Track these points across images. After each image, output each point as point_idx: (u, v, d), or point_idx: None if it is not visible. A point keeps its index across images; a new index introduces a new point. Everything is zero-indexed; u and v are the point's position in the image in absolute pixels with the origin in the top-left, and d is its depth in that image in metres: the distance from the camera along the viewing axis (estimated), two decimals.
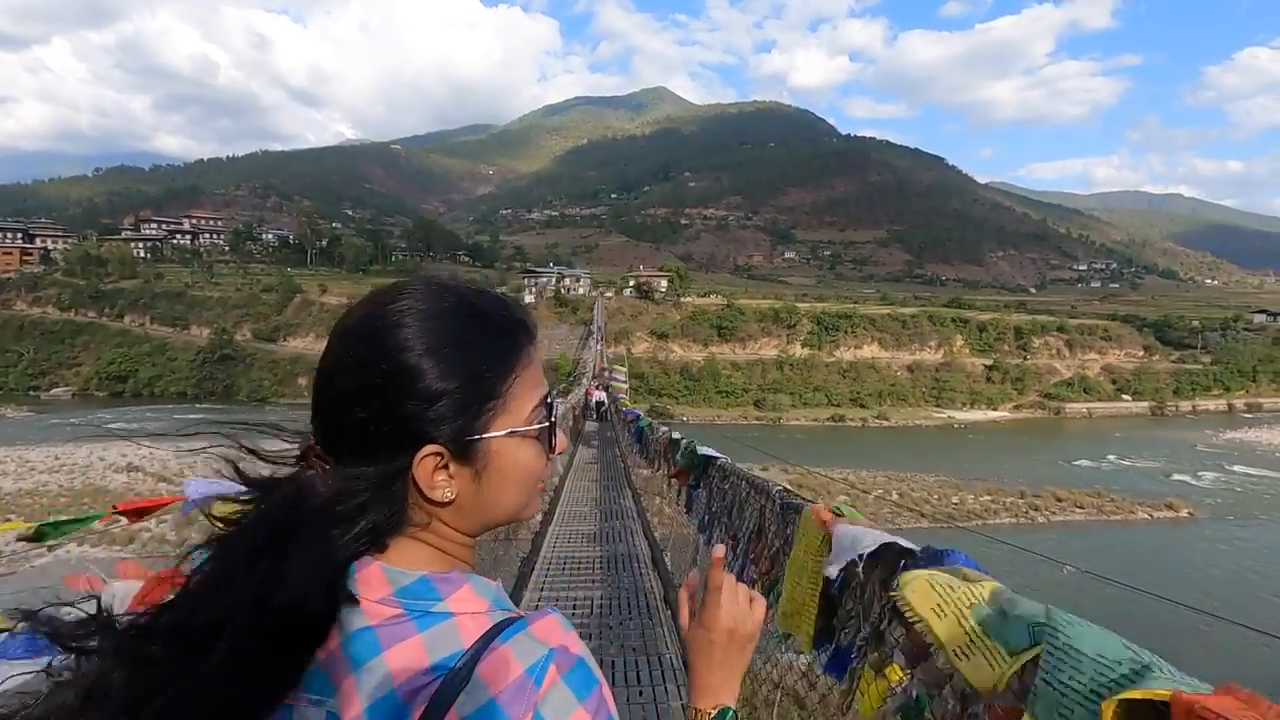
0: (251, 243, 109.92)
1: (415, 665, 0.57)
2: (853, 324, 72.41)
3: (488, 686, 0.54)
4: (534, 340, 0.70)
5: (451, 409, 0.63)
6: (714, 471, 3.61)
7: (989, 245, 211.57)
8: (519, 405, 0.66)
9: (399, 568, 0.62)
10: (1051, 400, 66.10)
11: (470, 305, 0.67)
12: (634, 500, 9.15)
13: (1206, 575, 25.34)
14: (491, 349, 0.66)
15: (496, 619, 0.61)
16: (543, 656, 0.56)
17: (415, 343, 0.62)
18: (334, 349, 0.65)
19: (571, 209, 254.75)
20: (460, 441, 0.63)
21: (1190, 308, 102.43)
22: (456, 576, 0.63)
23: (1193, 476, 40.96)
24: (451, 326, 0.64)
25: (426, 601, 0.61)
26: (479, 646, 0.57)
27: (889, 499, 34.49)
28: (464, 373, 0.63)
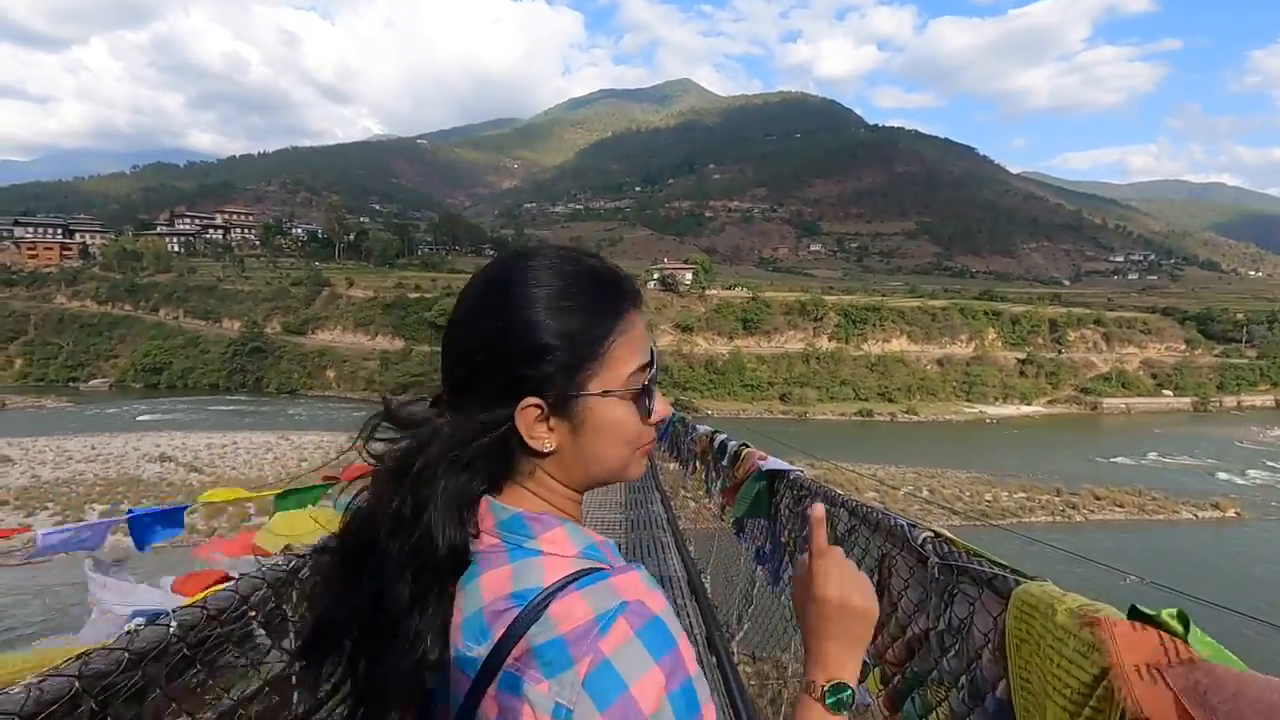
0: (281, 237, 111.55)
1: (500, 591, 0.64)
2: (881, 317, 71.14)
3: (557, 625, 0.59)
4: (639, 308, 0.74)
5: (554, 365, 0.67)
6: (783, 489, 2.85)
7: (1021, 236, 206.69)
8: (617, 367, 0.70)
9: (500, 503, 0.70)
10: (1088, 395, 64.31)
11: (583, 270, 0.72)
12: (664, 505, 8.64)
13: (1263, 579, 24.24)
14: (596, 312, 0.70)
15: (581, 565, 0.65)
16: (614, 607, 0.60)
17: (528, 300, 0.68)
18: (462, 303, 0.73)
19: (595, 202, 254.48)
20: (560, 396, 0.68)
21: (1234, 300, 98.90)
22: (550, 519, 0.69)
23: (1239, 475, 39.47)
24: (562, 288, 0.69)
25: (520, 537, 0.67)
26: (557, 586, 0.62)
27: (919, 496, 33.74)
28: (567, 332, 0.68)
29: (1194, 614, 1.97)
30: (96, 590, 1.73)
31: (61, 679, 0.94)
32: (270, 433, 44.26)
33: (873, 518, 1.82)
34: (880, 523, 1.74)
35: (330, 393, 64.47)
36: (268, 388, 64.97)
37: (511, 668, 0.60)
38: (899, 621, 1.61)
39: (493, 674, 0.61)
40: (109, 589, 1.76)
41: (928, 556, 1.47)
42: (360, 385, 64.77)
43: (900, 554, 1.62)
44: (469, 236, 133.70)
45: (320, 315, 73.14)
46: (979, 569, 1.31)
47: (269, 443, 40.76)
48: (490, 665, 0.61)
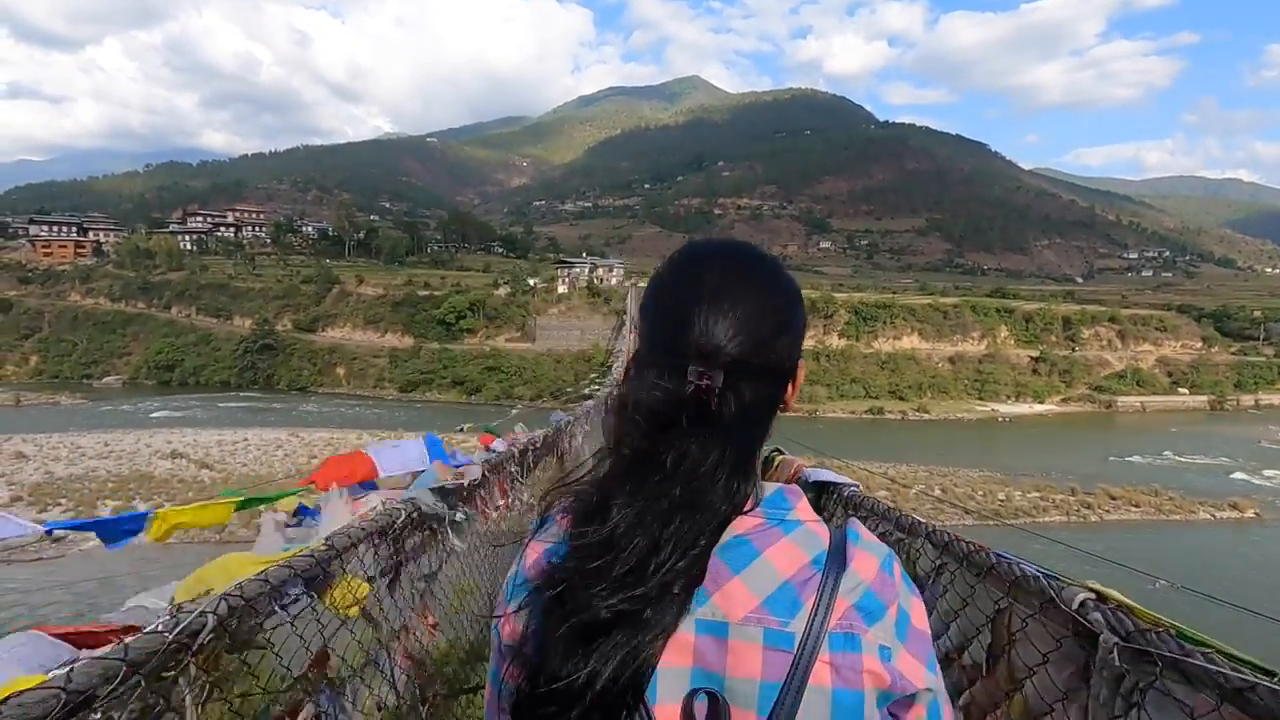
0: (292, 235, 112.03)
1: (797, 561, 0.68)
2: (892, 314, 70.58)
3: (859, 578, 0.67)
4: None
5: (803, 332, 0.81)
6: (834, 508, 2.32)
7: (1033, 234, 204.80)
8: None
9: (764, 481, 0.75)
10: (1102, 393, 63.59)
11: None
12: None
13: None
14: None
15: (828, 527, 0.74)
16: (887, 555, 0.72)
17: (787, 280, 0.82)
18: (740, 285, 0.76)
19: (604, 199, 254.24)
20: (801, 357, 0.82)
21: (1251, 297, 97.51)
22: (797, 489, 0.76)
23: (1257, 475, 38.89)
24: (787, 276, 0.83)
25: (782, 511, 0.72)
26: (837, 545, 0.70)
27: (931, 494, 33.40)
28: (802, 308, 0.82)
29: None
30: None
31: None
32: (281, 429, 44.44)
33: (978, 558, 1.33)
34: (991, 566, 1.28)
35: (340, 390, 64.71)
36: (278, 385, 65.29)
37: (839, 629, 0.64)
38: (1030, 710, 1.10)
39: (818, 639, 0.63)
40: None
41: (1095, 630, 0.98)
42: (370, 382, 64.99)
43: (1035, 616, 1.13)
44: (478, 234, 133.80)
45: (330, 313, 73.42)
46: (1200, 664, 0.82)
47: (279, 440, 40.93)
48: (814, 632, 0.64)
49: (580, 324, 67.86)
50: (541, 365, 62.00)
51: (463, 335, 68.01)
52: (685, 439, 0.69)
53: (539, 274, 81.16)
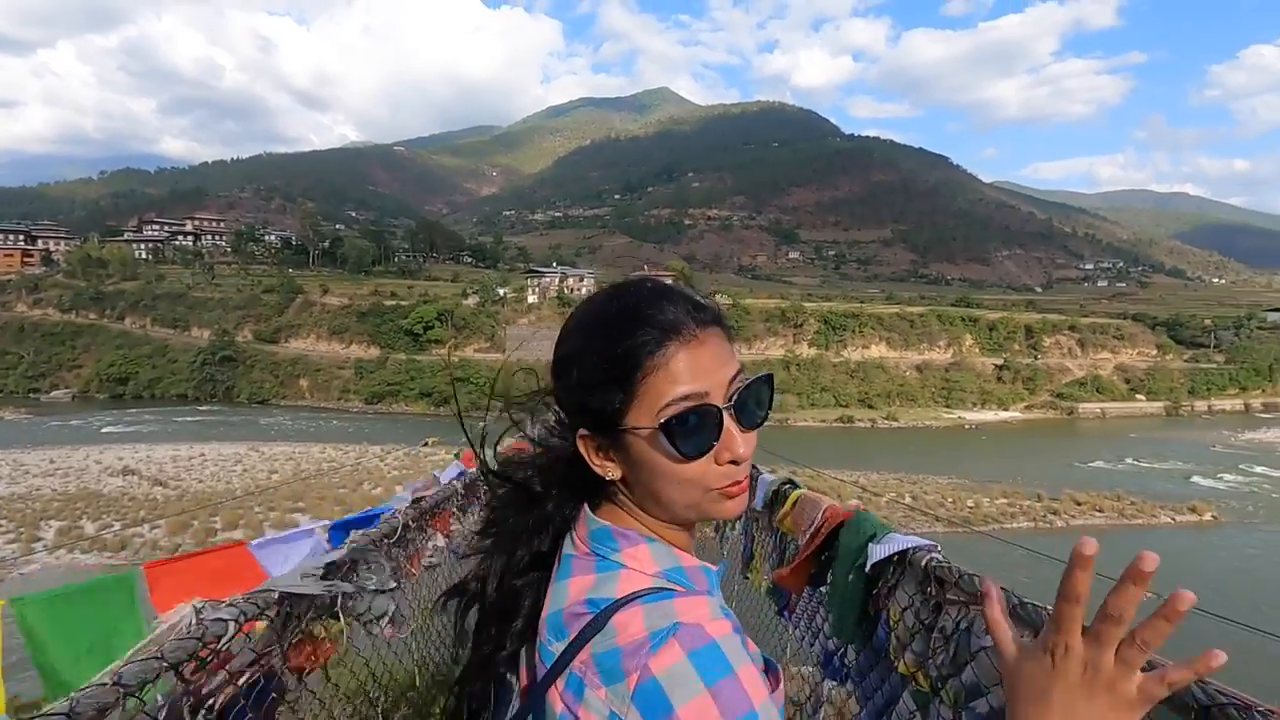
0: (254, 244, 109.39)
1: (580, 596, 0.68)
2: (860, 324, 71.43)
3: (616, 635, 0.62)
4: (682, 337, 0.69)
5: (596, 399, 0.70)
6: (900, 578, 1.67)
7: (994, 245, 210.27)
8: (648, 402, 0.67)
9: (594, 516, 0.75)
10: (1064, 400, 65.08)
11: (627, 303, 0.71)
12: None
13: (1244, 583, 24.33)
14: (630, 345, 0.68)
15: (657, 584, 0.68)
16: (668, 626, 0.60)
17: (575, 337, 0.75)
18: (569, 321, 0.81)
19: (575, 210, 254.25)
20: (603, 429, 0.71)
21: (1201, 306, 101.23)
22: (635, 536, 0.72)
23: (1213, 479, 39.98)
24: (602, 324, 0.72)
25: (606, 549, 0.72)
26: (625, 599, 0.65)
27: (901, 502, 33.57)
28: (604, 367, 0.69)
29: (1199, 627, 1.69)
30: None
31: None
32: (240, 444, 42.97)
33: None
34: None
35: (304, 402, 63.06)
36: (238, 398, 63.35)
37: (577, 670, 0.63)
38: None
39: (561, 671, 0.64)
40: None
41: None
42: (334, 394, 63.47)
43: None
44: (446, 244, 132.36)
45: (294, 323, 71.63)
46: None
47: (239, 454, 39.55)
48: (561, 663, 0.64)
49: (550, 334, 65.50)
50: (511, 375, 61.21)
51: (430, 346, 66.92)
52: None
53: (509, 284, 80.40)
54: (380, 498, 30.42)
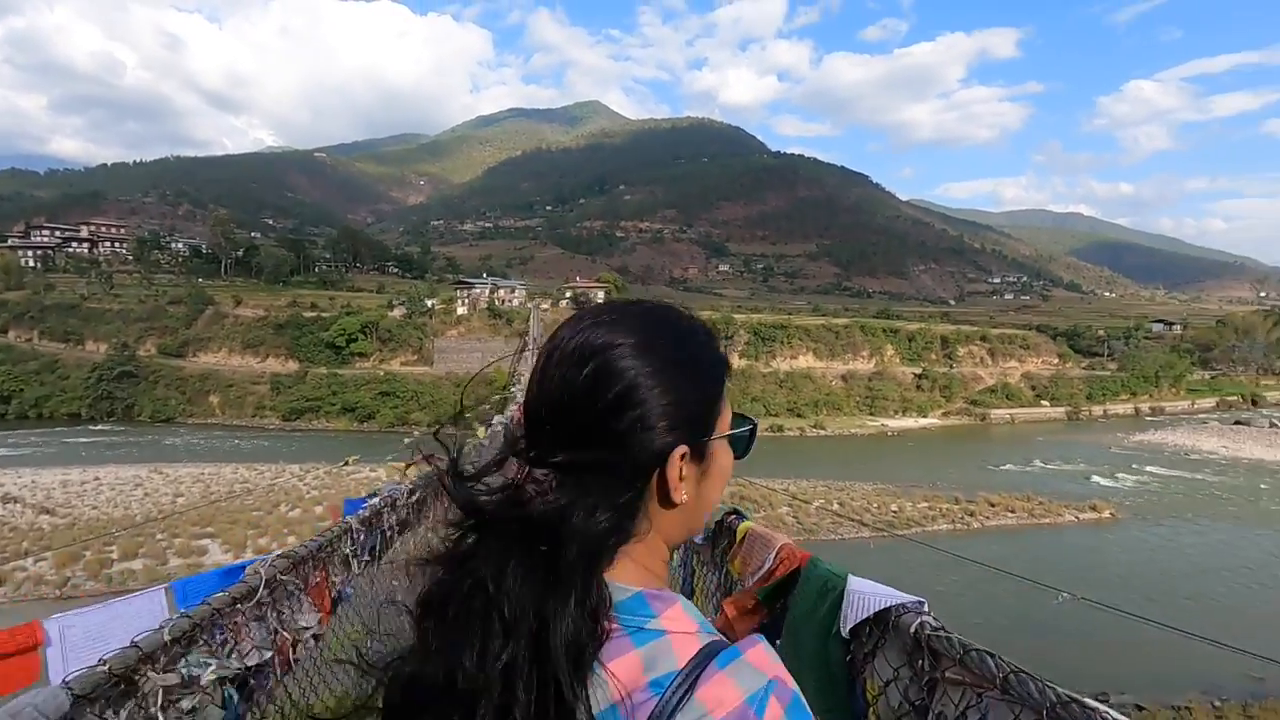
0: (159, 252, 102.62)
1: (634, 681, 0.57)
2: (788, 335, 73.27)
3: (710, 711, 0.54)
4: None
5: (691, 411, 0.68)
6: (875, 642, 1.41)
7: (911, 259, 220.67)
8: (727, 410, 0.75)
9: (616, 582, 0.63)
10: (977, 407, 68.57)
11: (686, 314, 0.77)
12: None
13: (1140, 577, 26.05)
14: (716, 358, 0.75)
15: (705, 641, 0.61)
16: (763, 686, 0.56)
17: (664, 351, 0.68)
18: (579, 361, 0.66)
19: (505, 220, 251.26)
20: (698, 441, 0.68)
21: (1095, 318, 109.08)
22: (668, 594, 0.65)
23: (1111, 478, 42.86)
24: (690, 334, 0.74)
25: (641, 618, 0.62)
26: (694, 668, 0.58)
27: (830, 509, 34.41)
28: (715, 373, 0.73)
29: (1115, 624, 7.00)
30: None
31: None
32: (141, 466, 39.92)
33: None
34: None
35: (214, 420, 59.26)
36: (139, 416, 58.93)
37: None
38: None
39: None
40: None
41: None
42: (249, 411, 59.95)
43: None
44: (371, 254, 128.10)
45: (203, 336, 67.38)
46: None
47: (139, 477, 36.71)
48: None
49: (482, 345, 65.90)
50: (440, 389, 59.50)
51: (354, 359, 64.29)
52: (527, 538, 0.62)
53: (437, 295, 78.36)
54: (298, 519, 28.81)
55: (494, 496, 0.64)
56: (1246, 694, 17.83)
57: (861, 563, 15.08)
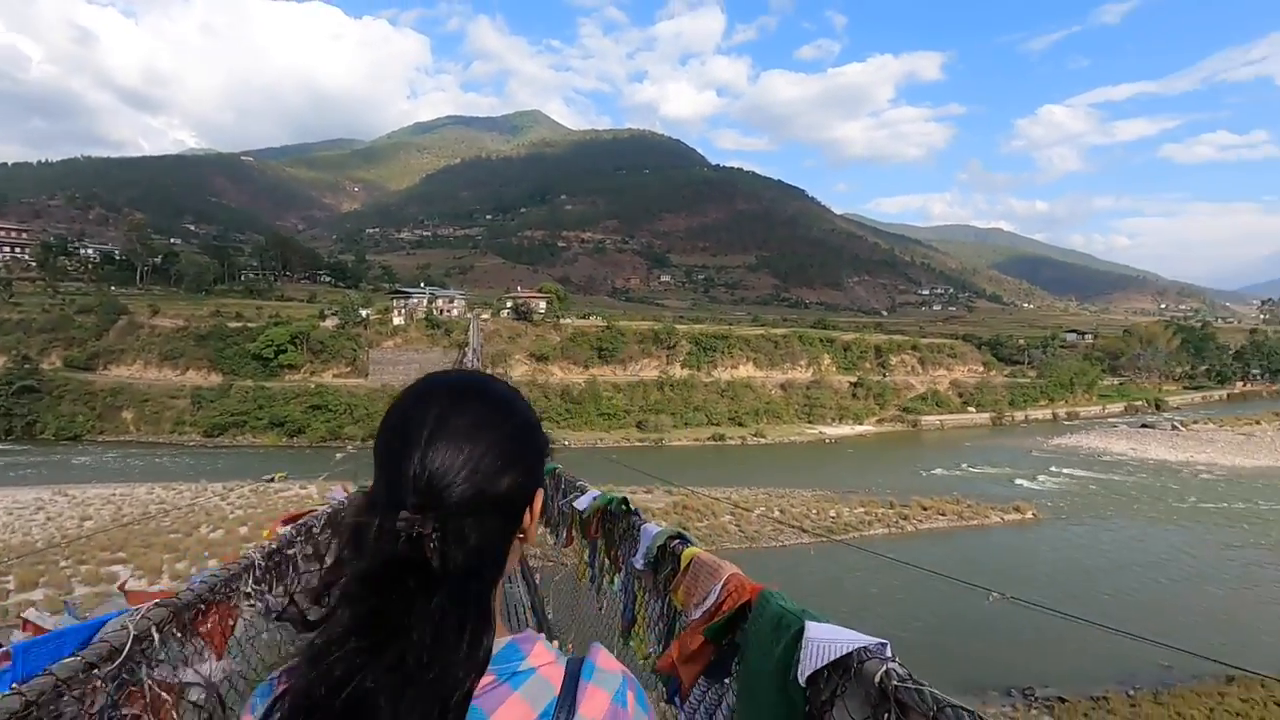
0: (65, 258, 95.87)
1: (524, 718, 0.65)
2: (729, 345, 74.31)
3: (589, 719, 0.64)
4: None
5: (542, 452, 0.81)
6: (833, 689, 1.22)
7: (846, 271, 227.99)
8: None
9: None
10: (909, 414, 71.05)
11: (508, 387, 0.87)
12: (527, 589, 6.69)
13: (1062, 575, 27.31)
14: (531, 407, 0.85)
15: (564, 663, 0.72)
16: (620, 684, 0.70)
17: (522, 403, 0.82)
18: (463, 413, 0.74)
19: (444, 229, 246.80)
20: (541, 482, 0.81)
21: (1016, 328, 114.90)
22: (531, 635, 0.74)
23: (1032, 480, 45.02)
24: (518, 398, 0.85)
25: (513, 663, 0.69)
26: (567, 689, 0.68)
27: (771, 516, 34.89)
28: (538, 426, 0.83)
29: (1041, 621, 8.37)
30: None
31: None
32: (43, 488, 37.00)
33: None
34: None
35: (127, 437, 55.56)
36: (43, 434, 54.69)
37: None
38: None
39: None
40: None
41: None
42: (166, 427, 56.48)
43: None
44: (302, 261, 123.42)
45: (115, 348, 63.22)
46: None
47: (41, 500, 34.00)
48: None
49: (420, 357, 64.22)
50: (375, 402, 57.56)
51: (283, 371, 61.54)
52: (414, 597, 0.63)
53: (373, 304, 76.01)
54: (220, 541, 27.20)
55: (399, 546, 0.66)
56: (1157, 682, 18.88)
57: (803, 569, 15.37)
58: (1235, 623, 23.13)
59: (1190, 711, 17.33)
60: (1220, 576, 27.44)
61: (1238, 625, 22.90)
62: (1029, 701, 18.42)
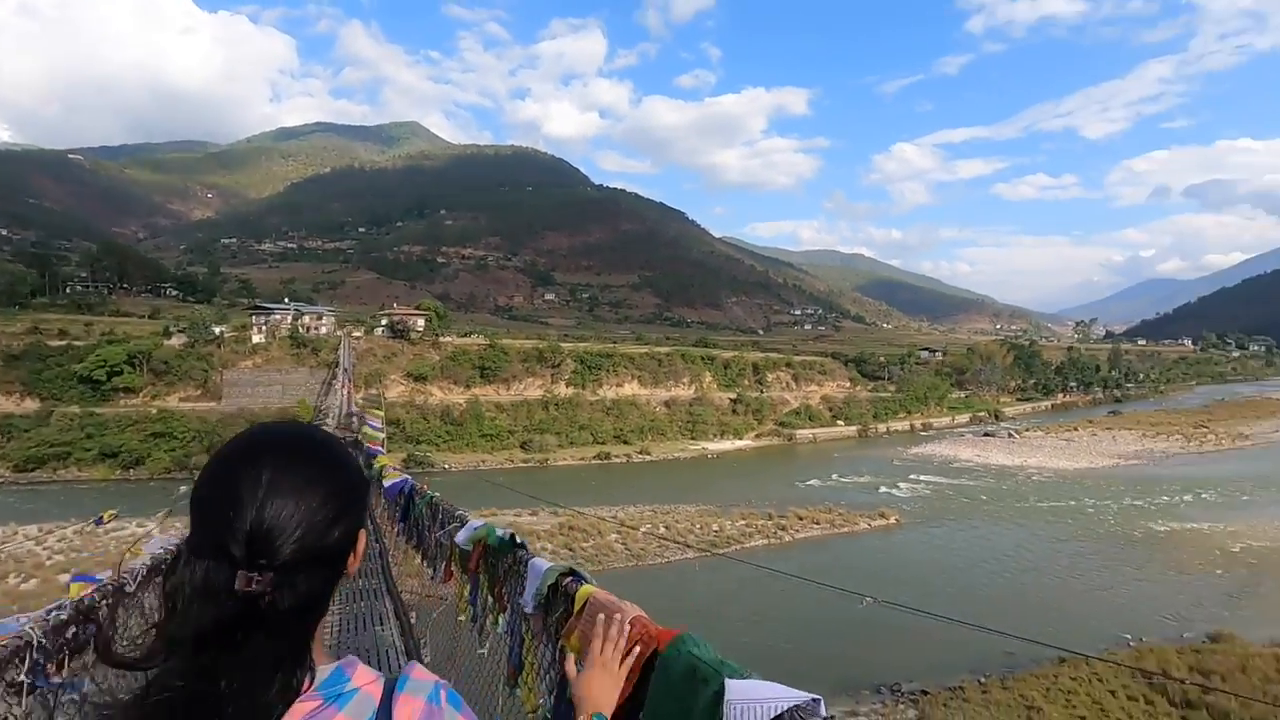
0: None
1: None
2: (614, 363, 74.74)
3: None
4: None
5: (364, 492, 0.89)
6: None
7: (725, 292, 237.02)
8: None
9: (317, 664, 0.79)
10: (785, 428, 74.52)
11: (326, 434, 0.95)
12: (401, 632, 6.02)
13: (924, 575, 29.40)
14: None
15: (384, 681, 0.81)
16: (433, 687, 0.80)
17: (342, 450, 0.88)
18: (293, 491, 0.77)
19: (312, 241, 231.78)
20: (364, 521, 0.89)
21: (878, 346, 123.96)
22: (354, 660, 0.82)
23: (894, 488, 48.49)
24: (336, 443, 0.92)
25: (339, 686, 0.77)
26: (385, 700, 0.77)
27: (656, 533, 35.17)
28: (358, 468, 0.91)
29: (907, 620, 8.32)
30: None
31: None
32: None
33: None
34: None
35: None
36: None
37: None
38: None
39: None
40: None
41: None
42: None
43: None
44: (143, 273, 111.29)
45: None
46: None
47: None
48: None
49: (283, 378, 59.51)
50: (229, 428, 52.46)
51: (117, 395, 54.81)
52: (240, 646, 0.69)
53: (228, 321, 69.62)
54: (34, 593, 23.57)
55: (230, 601, 0.71)
56: (1004, 669, 20.71)
57: (689, 587, 15.39)
58: (1065, 609, 25.92)
59: (1031, 693, 19.12)
60: (1053, 568, 30.71)
61: (1067, 611, 25.67)
62: (896, 697, 19.58)
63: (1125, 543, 34.42)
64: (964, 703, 18.74)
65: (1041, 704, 18.40)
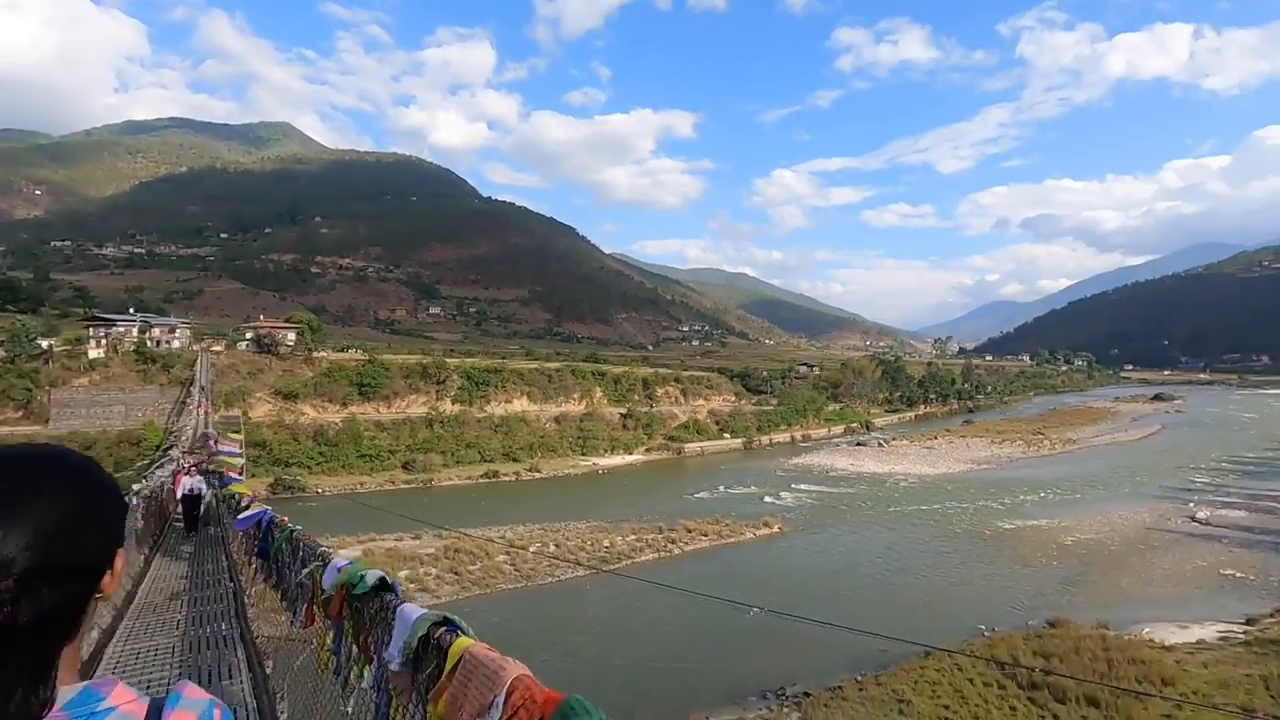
0: None
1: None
2: (502, 379, 73.13)
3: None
4: None
5: (121, 515, 0.87)
6: None
7: (615, 307, 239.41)
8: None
9: (61, 685, 0.75)
10: (674, 442, 75.84)
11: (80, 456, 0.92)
12: (238, 617, 5.78)
13: (806, 581, 30.64)
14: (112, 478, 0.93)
15: (147, 700, 0.77)
16: (206, 704, 0.78)
17: (101, 472, 0.88)
18: (33, 503, 0.76)
19: (165, 246, 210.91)
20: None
21: (761, 362, 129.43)
22: (110, 680, 0.79)
23: (776, 497, 50.46)
24: (94, 466, 0.90)
25: (90, 706, 0.73)
26: (151, 718, 0.73)
27: (547, 552, 34.54)
28: (117, 490, 0.90)
29: (791, 626, 11.37)
30: None
31: None
32: None
33: None
34: None
35: None
36: None
37: None
38: None
39: None
40: None
41: None
42: None
43: None
44: None
45: None
46: None
47: None
48: None
49: (127, 397, 53.39)
50: None
51: None
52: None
53: (58, 333, 61.67)
54: None
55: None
56: (878, 665, 21.94)
57: (580, 605, 15.11)
58: (930, 605, 27.92)
59: (902, 686, 20.39)
60: (918, 567, 33.04)
61: (932, 607, 27.66)
62: (781, 701, 20.22)
63: (978, 541, 37.69)
64: (843, 701, 19.63)
65: (911, 696, 19.64)
